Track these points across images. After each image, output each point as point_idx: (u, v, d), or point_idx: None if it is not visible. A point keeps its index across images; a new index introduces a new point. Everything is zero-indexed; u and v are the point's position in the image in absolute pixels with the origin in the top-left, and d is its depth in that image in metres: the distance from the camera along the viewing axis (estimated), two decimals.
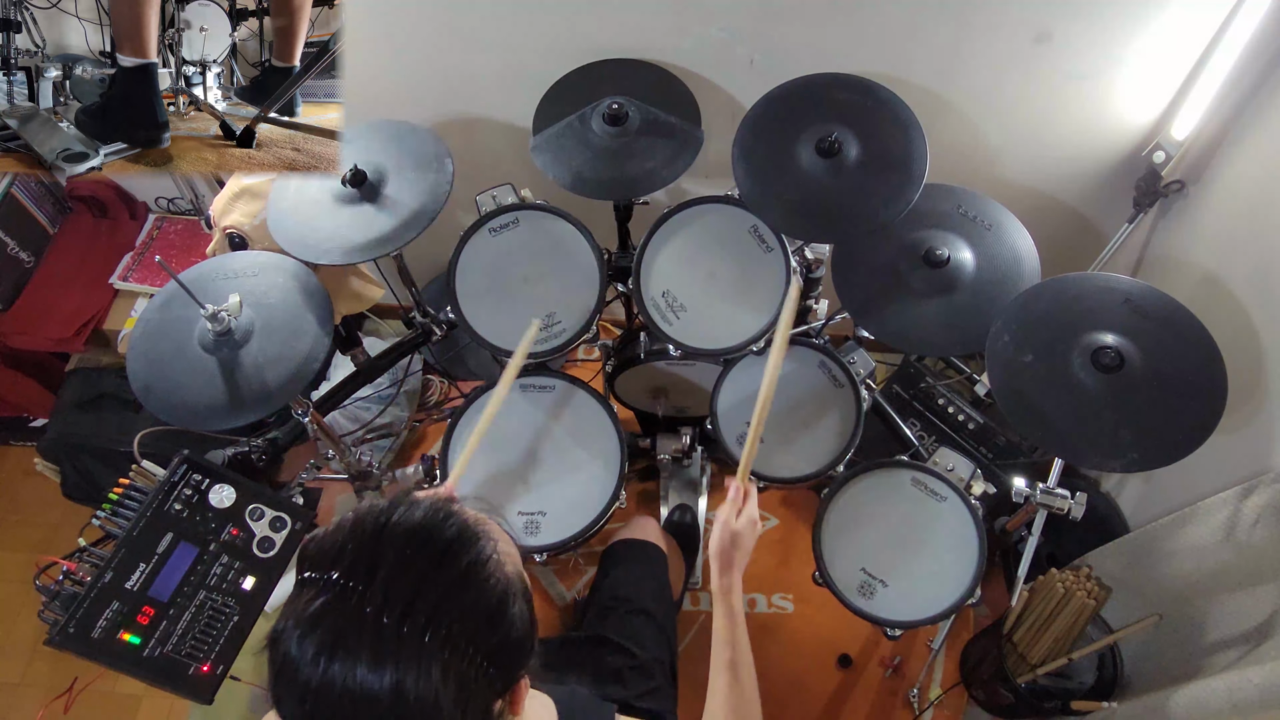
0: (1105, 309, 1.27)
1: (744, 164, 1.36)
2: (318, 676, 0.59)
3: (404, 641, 0.60)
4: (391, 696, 0.59)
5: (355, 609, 0.60)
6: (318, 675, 0.59)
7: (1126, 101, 1.58)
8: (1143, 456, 1.18)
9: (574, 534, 1.44)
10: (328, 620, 0.60)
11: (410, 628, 0.60)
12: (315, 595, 0.62)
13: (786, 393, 1.55)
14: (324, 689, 0.59)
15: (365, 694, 0.59)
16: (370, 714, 0.59)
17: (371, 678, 0.59)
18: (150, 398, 1.29)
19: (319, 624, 0.60)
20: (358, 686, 0.59)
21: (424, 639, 0.60)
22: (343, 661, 0.59)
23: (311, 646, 0.60)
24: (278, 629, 0.62)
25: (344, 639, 0.59)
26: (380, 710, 0.59)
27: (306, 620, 0.61)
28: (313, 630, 0.60)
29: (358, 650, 0.59)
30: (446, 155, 1.45)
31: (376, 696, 0.59)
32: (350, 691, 0.59)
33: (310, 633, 0.60)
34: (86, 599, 1.15)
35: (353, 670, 0.59)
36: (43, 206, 2.14)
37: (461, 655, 0.62)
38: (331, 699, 0.59)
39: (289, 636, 0.61)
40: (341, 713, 0.60)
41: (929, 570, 1.37)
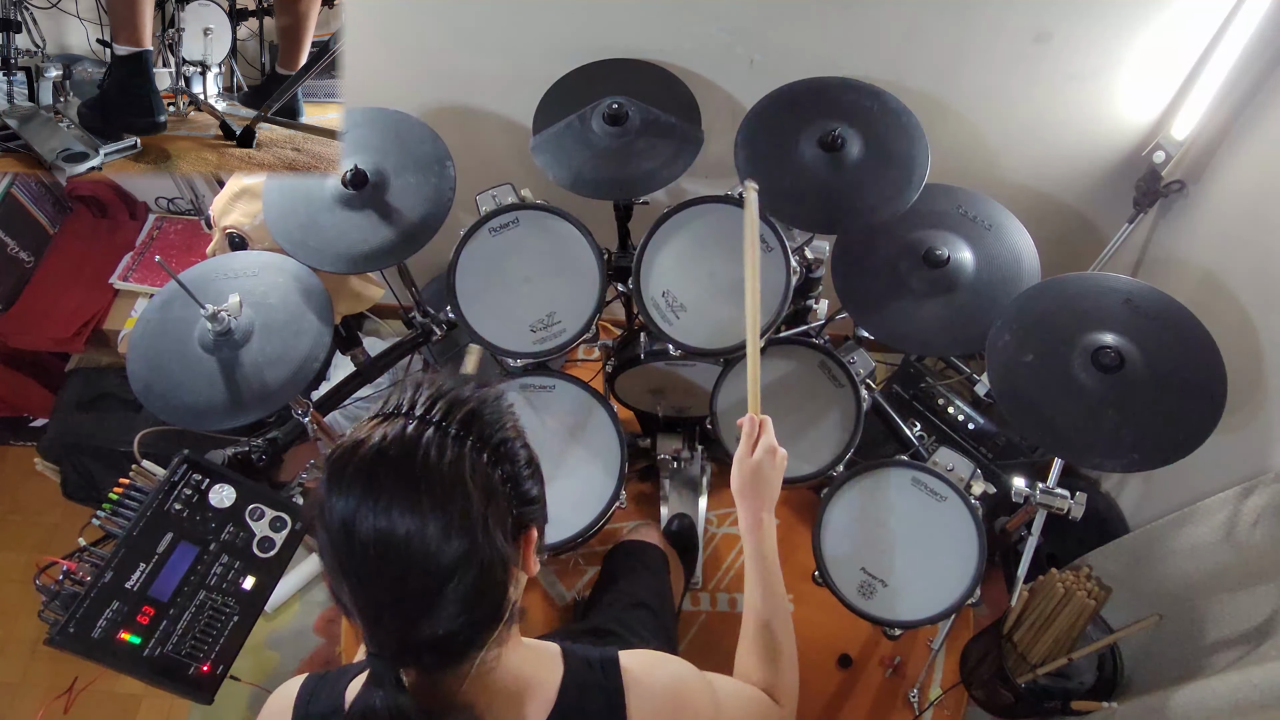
0: (1105, 309, 1.27)
1: (747, 153, 1.37)
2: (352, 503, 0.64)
3: (439, 449, 0.66)
4: (418, 523, 0.63)
5: (391, 430, 0.66)
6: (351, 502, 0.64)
7: (1126, 101, 1.58)
8: (1143, 456, 1.18)
9: (574, 534, 1.44)
10: (368, 443, 0.66)
11: (442, 436, 0.67)
12: (354, 431, 0.68)
13: (786, 393, 1.55)
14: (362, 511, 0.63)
15: (400, 513, 0.63)
16: (405, 531, 0.63)
17: (407, 491, 0.64)
18: (150, 398, 1.29)
19: (360, 446, 0.66)
20: (393, 503, 0.63)
21: (458, 447, 0.67)
22: (377, 488, 0.64)
23: (351, 468, 0.65)
24: (326, 463, 0.68)
25: (384, 456, 0.65)
26: (411, 530, 0.63)
27: (348, 446, 0.66)
28: (354, 450, 0.66)
29: (397, 463, 0.65)
30: (447, 158, 1.45)
31: (411, 516, 0.63)
32: (385, 510, 0.63)
33: (353, 452, 0.66)
34: (86, 599, 1.15)
35: (391, 483, 0.64)
36: (43, 206, 2.14)
37: (488, 463, 0.68)
38: (371, 521, 0.63)
39: (328, 467, 0.66)
40: (379, 535, 0.63)
41: (929, 570, 1.37)
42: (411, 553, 0.64)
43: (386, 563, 0.64)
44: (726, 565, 2.04)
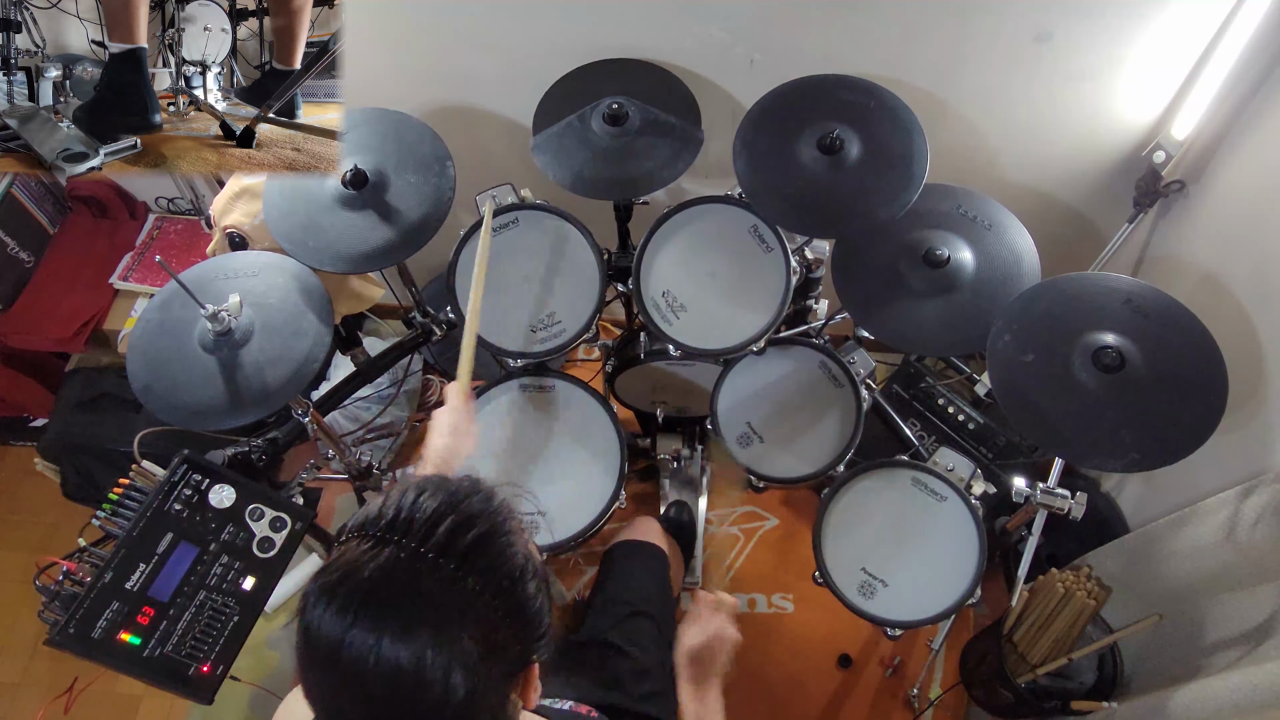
0: (1105, 309, 1.27)
1: (746, 158, 1.37)
2: (343, 627, 0.60)
3: (434, 586, 0.61)
4: (415, 655, 0.59)
5: (388, 557, 0.62)
6: (343, 626, 0.60)
7: (1126, 101, 1.58)
8: (1143, 456, 1.18)
9: (574, 534, 1.44)
10: (359, 570, 0.62)
11: (440, 574, 0.62)
12: (347, 551, 0.64)
13: (786, 393, 1.56)
14: (348, 641, 0.60)
15: (388, 648, 0.59)
16: (391, 670, 0.59)
17: (397, 628, 0.60)
18: (150, 398, 1.29)
19: (351, 574, 0.62)
20: (382, 638, 0.59)
21: (452, 586, 0.62)
22: (370, 613, 0.60)
23: (340, 596, 0.61)
24: (310, 587, 0.63)
25: (373, 586, 0.61)
26: (401, 667, 0.59)
27: (338, 569, 0.62)
28: (344, 581, 0.62)
29: (386, 598, 0.60)
30: (447, 158, 1.45)
31: (398, 653, 0.59)
32: (373, 644, 0.59)
33: (341, 583, 0.61)
34: (86, 599, 1.15)
35: (379, 619, 0.60)
36: (43, 206, 2.14)
37: (486, 607, 0.63)
38: (354, 652, 0.59)
39: (319, 590, 0.62)
40: (361, 667, 0.60)
41: (929, 570, 1.37)
42: (400, 696, 0.60)
43: (371, 705, 0.61)
44: (726, 565, 2.04)
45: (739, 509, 2.12)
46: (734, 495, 2.12)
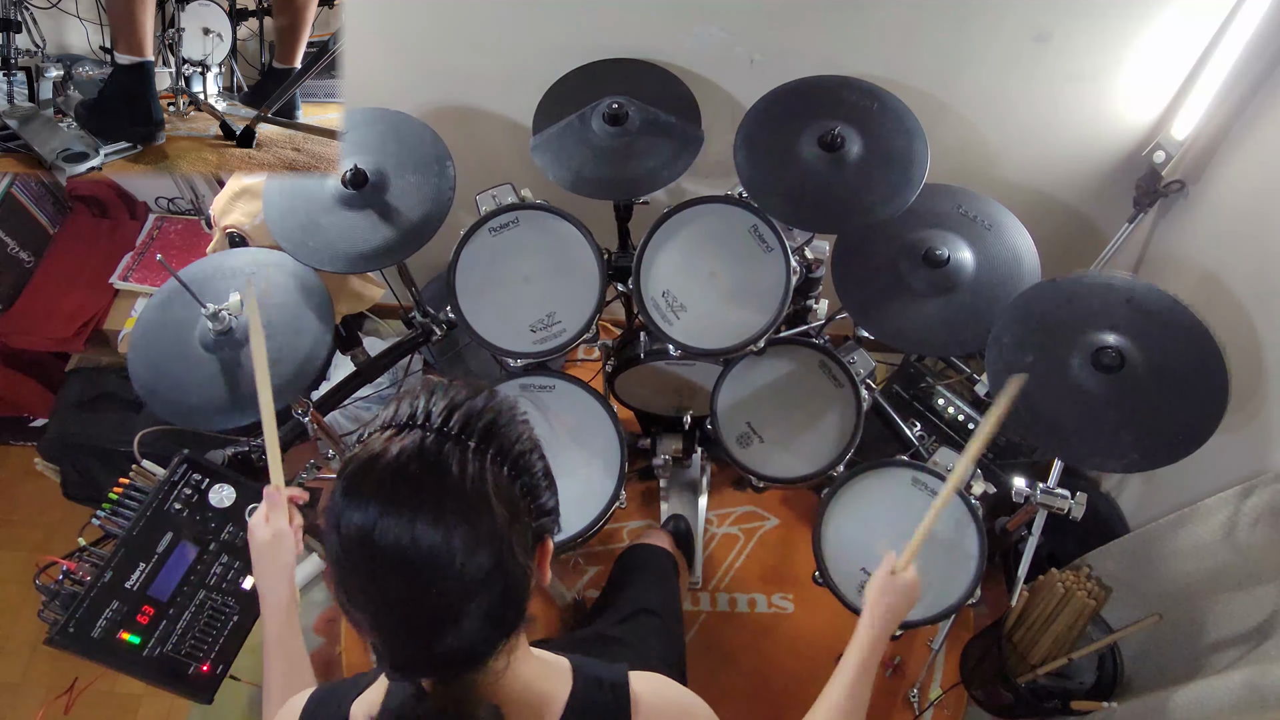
0: (1106, 309, 1.27)
1: (747, 153, 1.37)
2: (374, 516, 0.62)
3: (458, 461, 0.64)
4: (446, 532, 0.62)
5: (414, 441, 0.65)
6: (374, 515, 0.62)
7: (1126, 101, 1.58)
8: (1143, 456, 1.18)
9: (574, 534, 1.44)
10: (383, 457, 0.64)
11: (461, 449, 0.65)
12: (367, 444, 0.67)
13: (787, 393, 1.56)
14: (381, 527, 0.61)
15: (422, 527, 0.61)
16: (426, 545, 0.61)
17: (430, 504, 0.62)
18: (151, 397, 1.29)
19: (376, 461, 0.64)
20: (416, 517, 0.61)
21: (477, 460, 0.65)
22: (404, 497, 0.62)
23: (369, 484, 0.63)
24: (335, 485, 0.65)
25: (401, 469, 0.63)
26: (434, 543, 0.61)
27: (362, 459, 0.65)
28: (370, 466, 0.64)
29: (416, 479, 0.63)
30: (447, 158, 1.45)
31: (431, 531, 0.61)
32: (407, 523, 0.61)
33: (368, 469, 0.64)
34: (86, 599, 1.15)
35: (412, 497, 0.62)
36: (43, 206, 2.14)
37: (507, 475, 0.67)
38: (388, 536, 0.61)
39: (342, 483, 0.64)
40: (398, 548, 0.61)
41: (928, 570, 1.36)
42: (438, 567, 0.62)
43: (410, 577, 0.62)
44: (726, 565, 2.04)
45: (739, 509, 2.12)
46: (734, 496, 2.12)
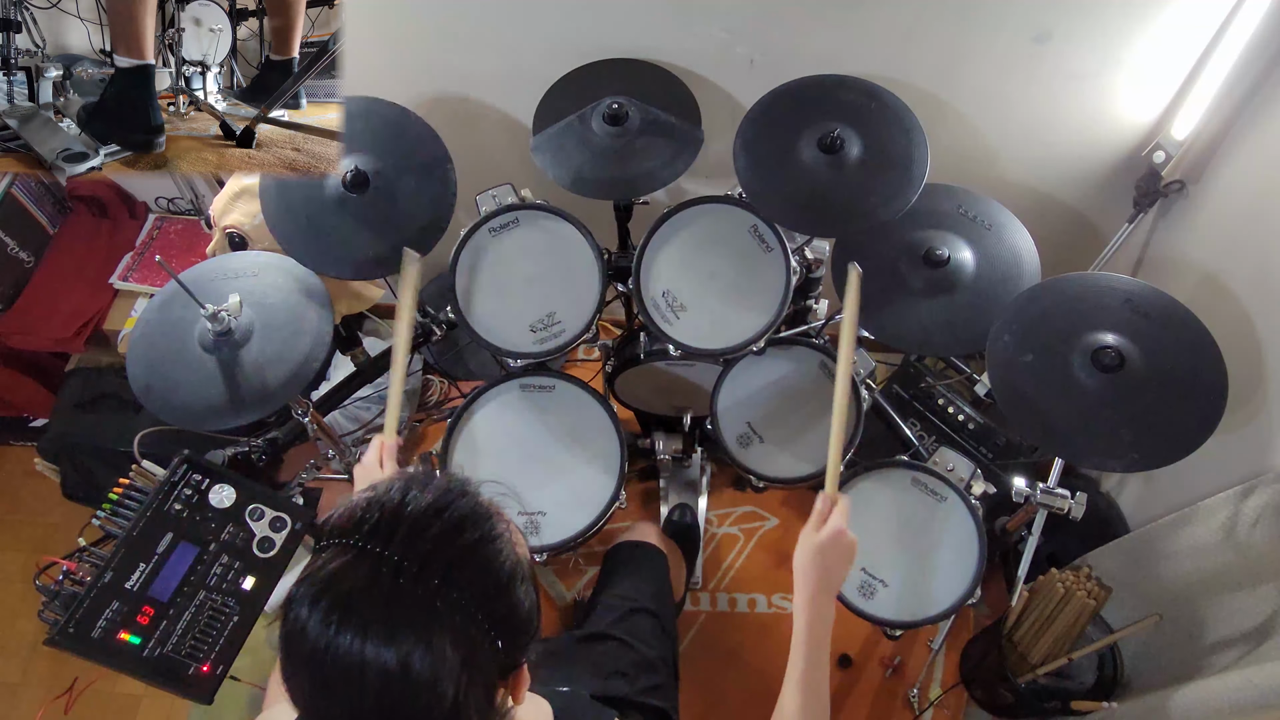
0: (1106, 309, 1.27)
1: (746, 157, 1.37)
2: (326, 638, 0.60)
3: (416, 603, 0.61)
4: (400, 665, 0.59)
5: (369, 570, 0.61)
6: (327, 637, 0.60)
7: (1126, 101, 1.58)
8: (1143, 456, 1.18)
9: (574, 534, 1.44)
10: (341, 581, 0.61)
11: (424, 589, 0.61)
12: (330, 559, 0.63)
13: (787, 393, 1.55)
14: (332, 652, 0.60)
15: (374, 659, 0.59)
16: (377, 680, 0.60)
17: (381, 640, 0.59)
18: (150, 398, 1.29)
19: (332, 585, 0.61)
20: (366, 650, 0.59)
21: (435, 601, 0.61)
22: (354, 625, 0.60)
23: (321, 610, 0.60)
24: (293, 593, 0.63)
25: (356, 599, 0.60)
26: (388, 677, 0.59)
27: (320, 581, 0.62)
28: (326, 591, 0.61)
29: (369, 613, 0.60)
30: (448, 160, 1.45)
31: (384, 665, 0.59)
32: (358, 657, 0.59)
33: (323, 594, 0.61)
34: (86, 599, 1.15)
35: (363, 633, 0.59)
36: (43, 206, 2.14)
37: (470, 620, 0.63)
38: (338, 663, 0.60)
39: (302, 599, 0.62)
40: (347, 677, 0.60)
41: (929, 570, 1.37)
42: (387, 703, 0.60)
43: (359, 710, 0.61)
44: (726, 565, 2.04)
45: (739, 509, 2.12)
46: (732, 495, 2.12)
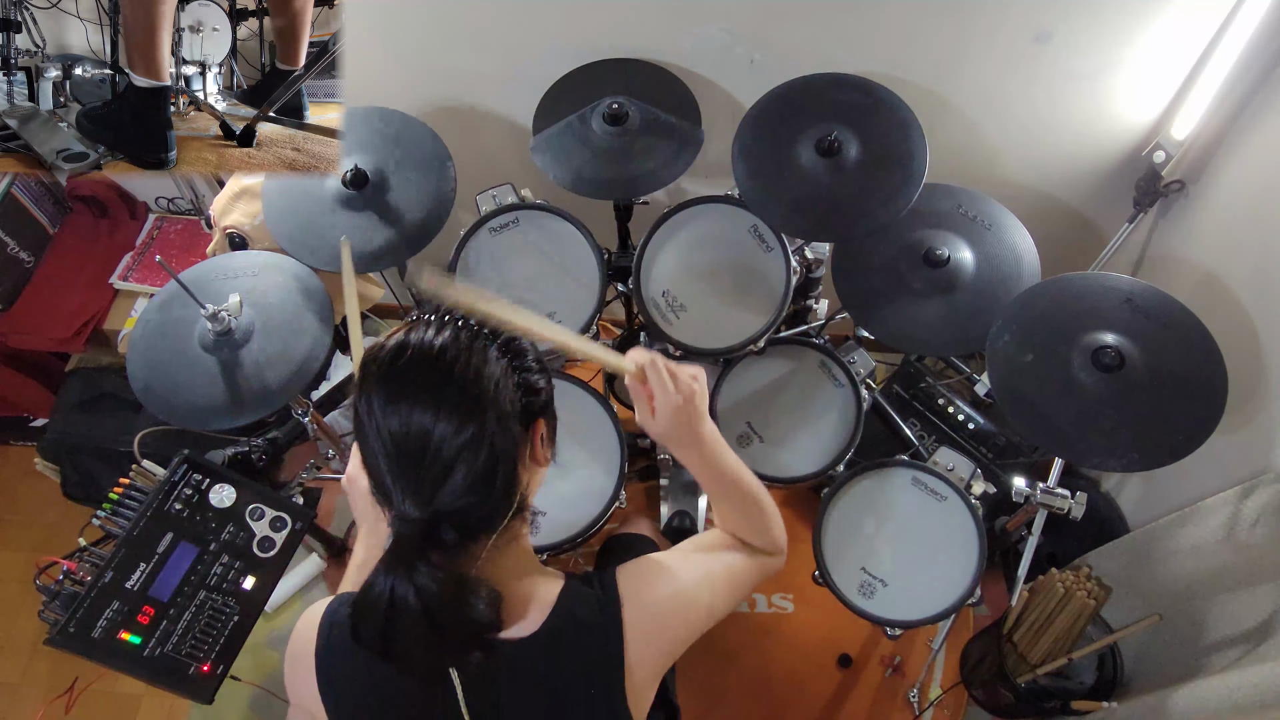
0: (1105, 309, 1.27)
1: (744, 163, 1.37)
2: (390, 353, 0.77)
3: (459, 328, 0.80)
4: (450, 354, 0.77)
5: (422, 324, 0.80)
6: (399, 351, 0.77)
7: (1126, 101, 1.58)
8: (1143, 456, 1.18)
9: (574, 534, 1.44)
10: (398, 334, 0.79)
11: (464, 321, 0.82)
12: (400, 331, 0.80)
13: (787, 393, 1.56)
14: (408, 352, 0.77)
15: (433, 347, 0.77)
16: (433, 371, 0.76)
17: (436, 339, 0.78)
18: (150, 398, 1.29)
19: (389, 338, 0.79)
20: (430, 345, 0.77)
21: (474, 328, 0.82)
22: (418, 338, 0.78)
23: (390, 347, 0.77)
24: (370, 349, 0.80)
25: (410, 342, 0.77)
26: (441, 372, 0.76)
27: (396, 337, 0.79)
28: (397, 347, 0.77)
29: (430, 358, 0.77)
30: (448, 158, 1.45)
31: (439, 354, 0.77)
32: (424, 352, 0.77)
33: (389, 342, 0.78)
34: (86, 599, 1.15)
35: (425, 337, 0.78)
36: (43, 206, 2.14)
37: (499, 351, 0.81)
38: (411, 361, 0.76)
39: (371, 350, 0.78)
40: (419, 367, 0.76)
41: (929, 570, 1.37)
42: (430, 433, 0.74)
43: (408, 442, 0.74)
44: None
45: None
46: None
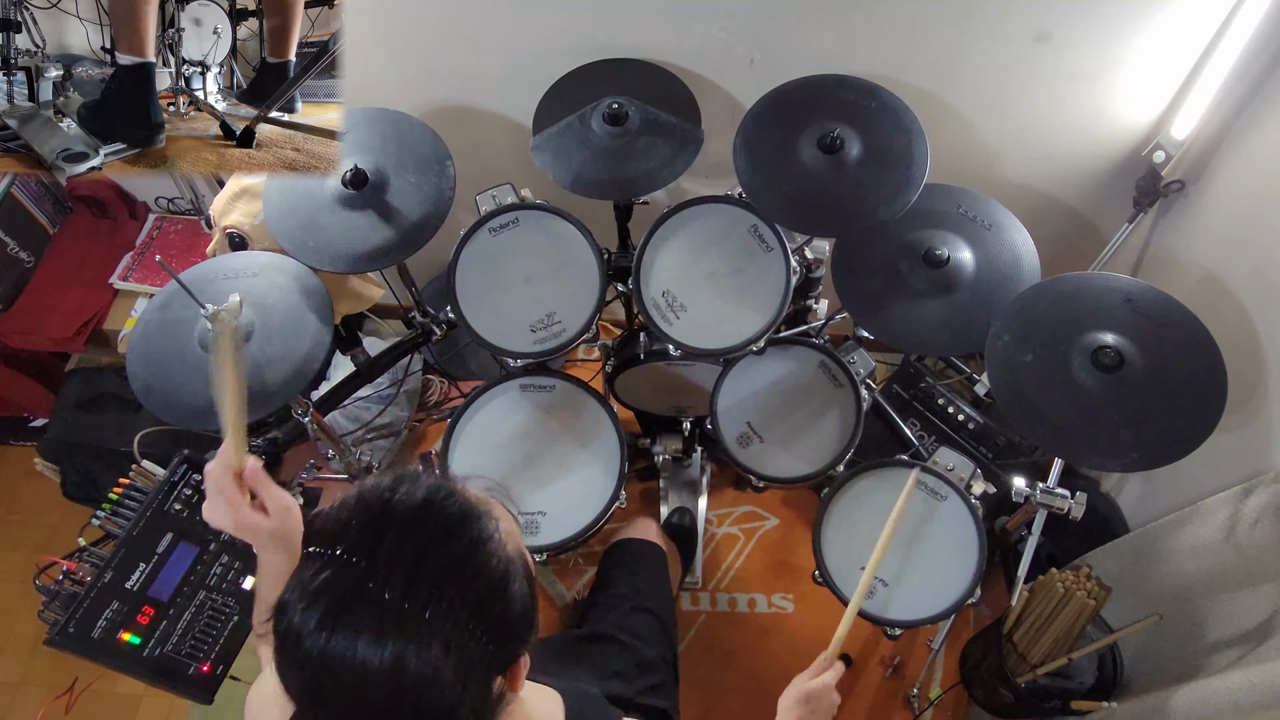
0: (1105, 309, 1.27)
1: (746, 157, 1.37)
2: (319, 647, 0.60)
3: (405, 616, 0.60)
4: (392, 670, 0.60)
5: (357, 584, 0.61)
6: (319, 645, 0.60)
7: (1126, 101, 1.58)
8: (1143, 456, 1.18)
9: (574, 534, 1.44)
10: (330, 594, 0.61)
11: (411, 603, 0.61)
12: (319, 569, 0.63)
13: (787, 393, 1.55)
14: (325, 659, 0.60)
15: (366, 667, 0.60)
16: (370, 687, 0.60)
17: (372, 651, 0.60)
18: (150, 398, 1.29)
19: (321, 596, 0.61)
20: (358, 659, 0.60)
21: (425, 614, 0.61)
22: (344, 634, 0.60)
23: (314, 618, 0.61)
24: (283, 598, 0.63)
25: (346, 612, 0.60)
26: (381, 683, 0.60)
27: (310, 593, 0.62)
28: (315, 602, 0.61)
29: (359, 624, 0.60)
30: (447, 158, 1.45)
31: (377, 670, 0.60)
32: (351, 663, 0.60)
33: (313, 604, 0.61)
34: (86, 599, 1.15)
35: (354, 643, 0.60)
36: (43, 206, 2.14)
37: (462, 630, 0.62)
38: (332, 669, 0.60)
39: (293, 607, 0.62)
40: (342, 684, 0.60)
41: (929, 570, 1.37)
42: (383, 703, 0.61)
43: (354, 708, 0.62)
44: (726, 565, 2.04)
45: (739, 509, 2.12)
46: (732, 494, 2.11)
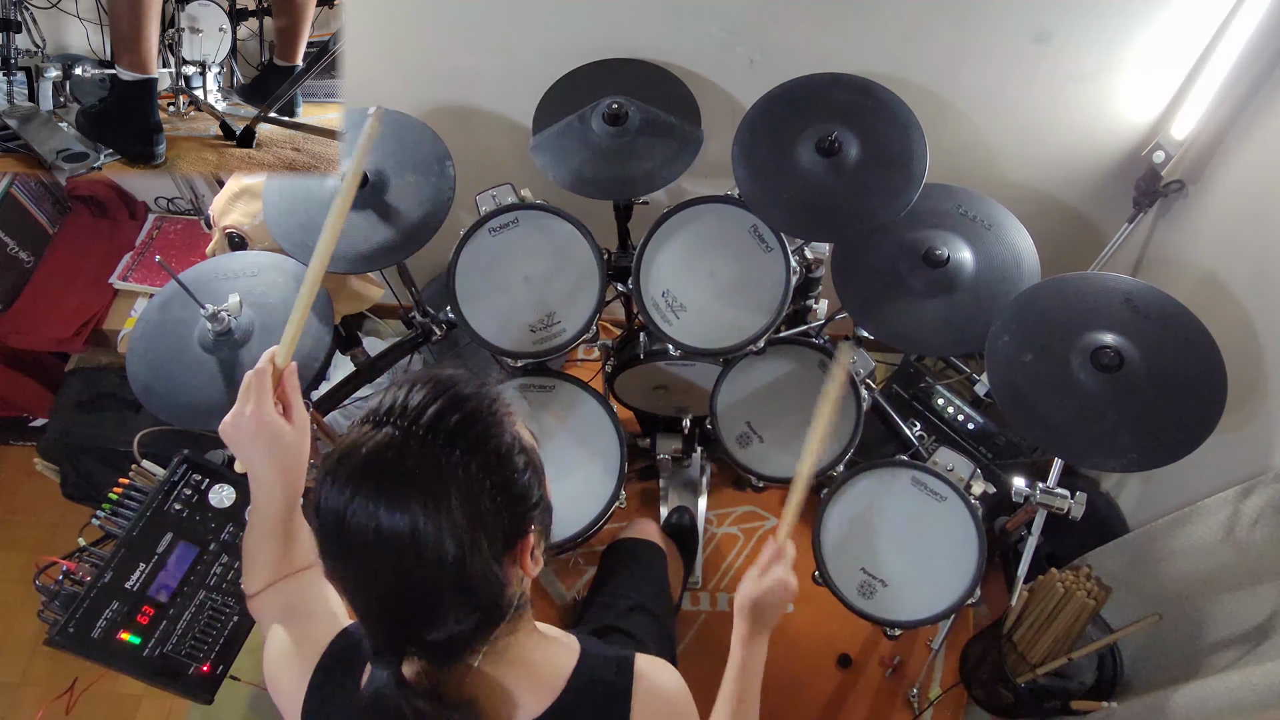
0: (1105, 309, 1.27)
1: (744, 163, 1.37)
2: (343, 503, 0.67)
3: (423, 462, 0.67)
4: (410, 523, 0.65)
5: (381, 439, 0.68)
6: (343, 502, 0.67)
7: (1126, 101, 1.58)
8: (1142, 456, 1.18)
9: (574, 534, 1.44)
10: (355, 452, 0.68)
11: (430, 450, 0.67)
12: (347, 437, 0.70)
13: (787, 393, 1.56)
14: (350, 517, 0.66)
15: (385, 522, 0.66)
16: (389, 540, 0.66)
17: (392, 503, 0.66)
18: (150, 398, 1.29)
19: (348, 457, 0.68)
20: (379, 512, 0.66)
21: (441, 459, 0.67)
22: (367, 490, 0.66)
23: (340, 476, 0.67)
24: (318, 470, 0.70)
25: (369, 467, 0.67)
26: (398, 535, 0.66)
27: (338, 455, 0.69)
28: (342, 462, 0.68)
29: (381, 477, 0.66)
30: (447, 158, 1.45)
31: (395, 524, 0.65)
32: (371, 518, 0.66)
33: (340, 464, 0.68)
34: (86, 599, 1.15)
35: (375, 496, 0.66)
36: (43, 206, 2.14)
37: (473, 480, 0.68)
38: (355, 527, 0.66)
39: (323, 474, 0.69)
40: (363, 539, 0.66)
41: (929, 570, 1.37)
42: (400, 561, 0.66)
43: (376, 569, 0.68)
44: (726, 565, 2.04)
45: (739, 509, 2.12)
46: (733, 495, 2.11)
